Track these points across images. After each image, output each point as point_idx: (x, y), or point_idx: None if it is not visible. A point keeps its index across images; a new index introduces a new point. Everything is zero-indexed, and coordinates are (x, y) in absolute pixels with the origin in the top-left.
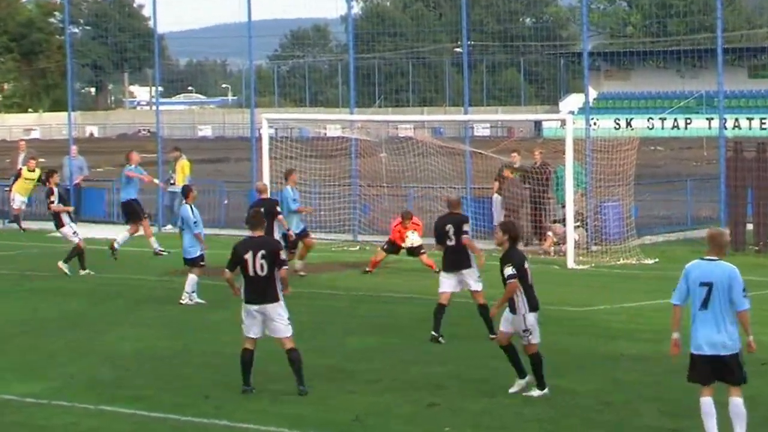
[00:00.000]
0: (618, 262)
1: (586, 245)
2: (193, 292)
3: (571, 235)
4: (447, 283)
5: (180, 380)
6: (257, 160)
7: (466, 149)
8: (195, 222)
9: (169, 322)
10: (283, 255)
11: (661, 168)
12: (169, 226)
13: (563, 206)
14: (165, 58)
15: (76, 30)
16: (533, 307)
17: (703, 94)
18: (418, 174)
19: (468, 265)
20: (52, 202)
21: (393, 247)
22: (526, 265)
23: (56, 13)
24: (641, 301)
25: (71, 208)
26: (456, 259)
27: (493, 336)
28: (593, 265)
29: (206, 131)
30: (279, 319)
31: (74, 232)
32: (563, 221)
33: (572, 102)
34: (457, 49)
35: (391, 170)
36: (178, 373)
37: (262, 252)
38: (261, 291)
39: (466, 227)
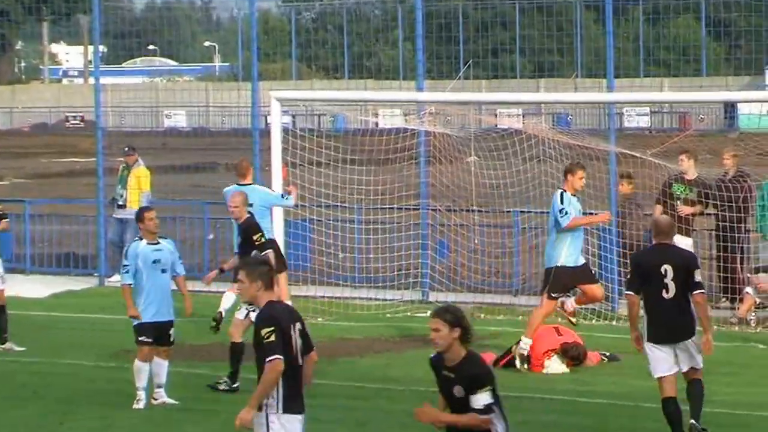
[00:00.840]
0: None
1: None
2: (158, 387)
3: None
4: (664, 363)
5: None
6: (262, 167)
7: (610, 150)
8: (126, 267)
9: None
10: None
11: None
12: (117, 276)
13: None
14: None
15: None
16: None
17: None
18: (529, 190)
19: (692, 332)
20: None
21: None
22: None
23: None
24: None
25: None
26: (675, 322)
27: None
28: None
29: (178, 118)
30: None
31: None
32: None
33: None
34: None
35: (486, 184)
36: None
37: (299, 326)
38: (301, 390)
39: (698, 274)
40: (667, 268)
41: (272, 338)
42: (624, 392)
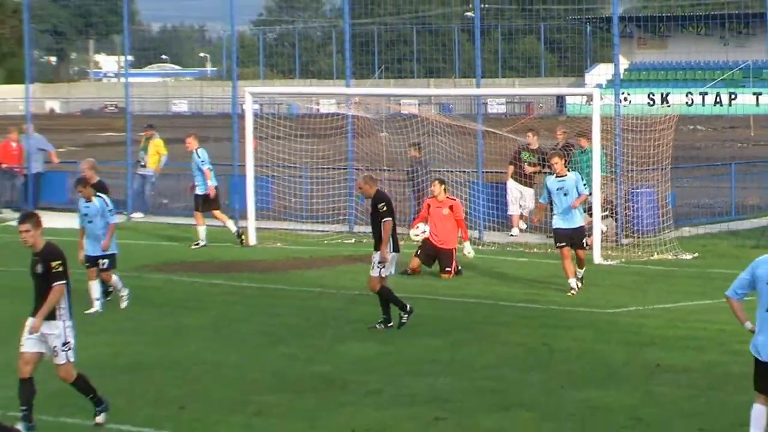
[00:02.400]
0: (652, 257)
1: (615, 238)
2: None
3: (598, 226)
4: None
5: (153, 391)
6: (239, 140)
7: (477, 128)
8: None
9: (140, 327)
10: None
11: (701, 150)
12: (140, 214)
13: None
14: (135, 23)
15: None
16: None
17: (750, 64)
18: (424, 156)
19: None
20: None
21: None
22: None
23: None
24: (679, 302)
25: None
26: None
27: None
28: (623, 260)
29: (182, 106)
30: None
31: None
32: (589, 211)
33: (600, 74)
34: (468, 14)
35: (393, 152)
36: (150, 382)
37: None
38: None
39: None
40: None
41: (60, 269)
42: (485, 294)
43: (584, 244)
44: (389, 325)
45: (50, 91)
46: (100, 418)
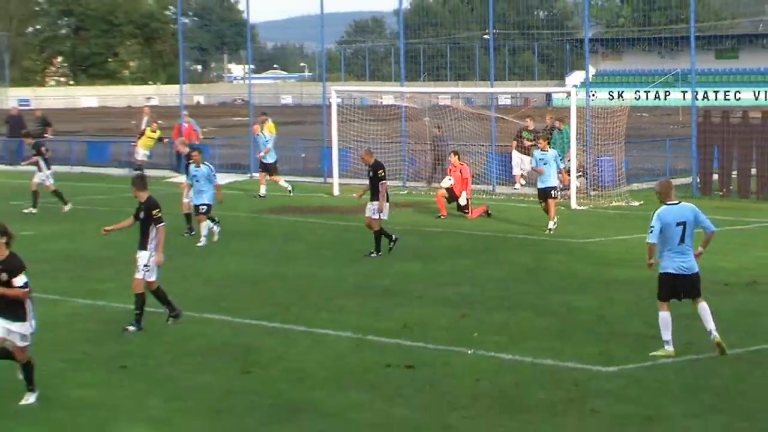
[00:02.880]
0: (611, 204)
1: (586, 191)
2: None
3: (574, 182)
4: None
5: (267, 296)
6: (328, 122)
7: (491, 115)
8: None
9: (257, 252)
10: None
11: (646, 130)
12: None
13: (569, 160)
14: (255, 43)
15: (186, 20)
16: None
17: (679, 72)
18: (454, 134)
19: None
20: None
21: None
22: None
23: (170, 6)
24: (629, 235)
25: None
26: None
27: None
28: (591, 206)
29: (287, 100)
30: None
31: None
32: (568, 172)
33: (576, 78)
34: (485, 36)
35: (433, 132)
36: (265, 290)
37: None
38: None
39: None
40: None
41: (161, 215)
42: (502, 229)
43: (552, 195)
44: (378, 253)
45: (197, 90)
46: (131, 328)
